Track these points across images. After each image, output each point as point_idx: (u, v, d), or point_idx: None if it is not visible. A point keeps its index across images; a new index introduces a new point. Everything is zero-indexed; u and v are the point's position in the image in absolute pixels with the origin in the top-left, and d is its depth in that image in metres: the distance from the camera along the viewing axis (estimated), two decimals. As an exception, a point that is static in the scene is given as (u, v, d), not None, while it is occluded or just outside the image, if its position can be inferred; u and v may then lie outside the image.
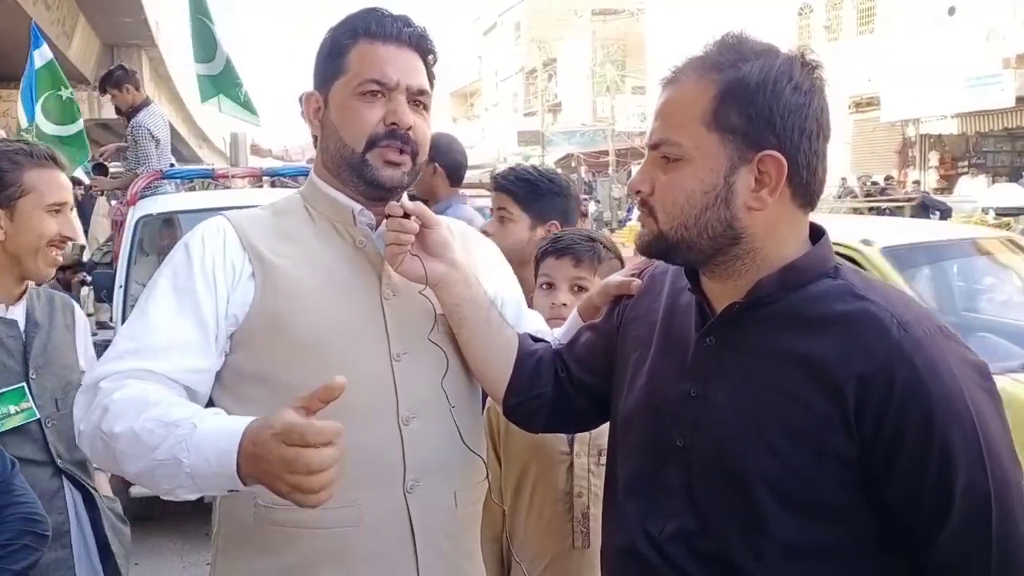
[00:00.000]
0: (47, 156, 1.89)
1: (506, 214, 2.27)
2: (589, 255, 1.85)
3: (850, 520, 1.06)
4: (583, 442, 1.75)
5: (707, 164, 1.08)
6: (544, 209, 2.25)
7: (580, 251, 1.85)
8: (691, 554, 1.12)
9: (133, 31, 20.11)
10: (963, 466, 0.99)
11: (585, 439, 1.74)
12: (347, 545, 1.27)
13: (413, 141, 1.34)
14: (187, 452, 1.09)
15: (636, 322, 1.30)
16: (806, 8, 22.26)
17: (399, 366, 1.32)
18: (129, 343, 1.26)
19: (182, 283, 1.29)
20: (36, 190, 1.84)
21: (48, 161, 1.88)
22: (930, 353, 1.01)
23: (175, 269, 1.31)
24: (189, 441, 1.09)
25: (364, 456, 1.27)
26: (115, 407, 1.16)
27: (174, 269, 1.32)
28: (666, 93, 1.12)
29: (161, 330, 1.26)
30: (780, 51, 1.09)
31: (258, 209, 1.42)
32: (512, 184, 2.28)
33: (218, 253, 1.31)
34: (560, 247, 1.87)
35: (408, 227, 1.30)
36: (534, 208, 2.25)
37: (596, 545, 1.59)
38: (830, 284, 1.09)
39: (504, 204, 2.28)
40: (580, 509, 1.73)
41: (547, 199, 2.25)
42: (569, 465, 1.75)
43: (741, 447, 1.08)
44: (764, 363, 1.09)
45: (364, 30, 1.34)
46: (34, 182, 1.85)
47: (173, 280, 1.30)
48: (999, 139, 19.19)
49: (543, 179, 2.29)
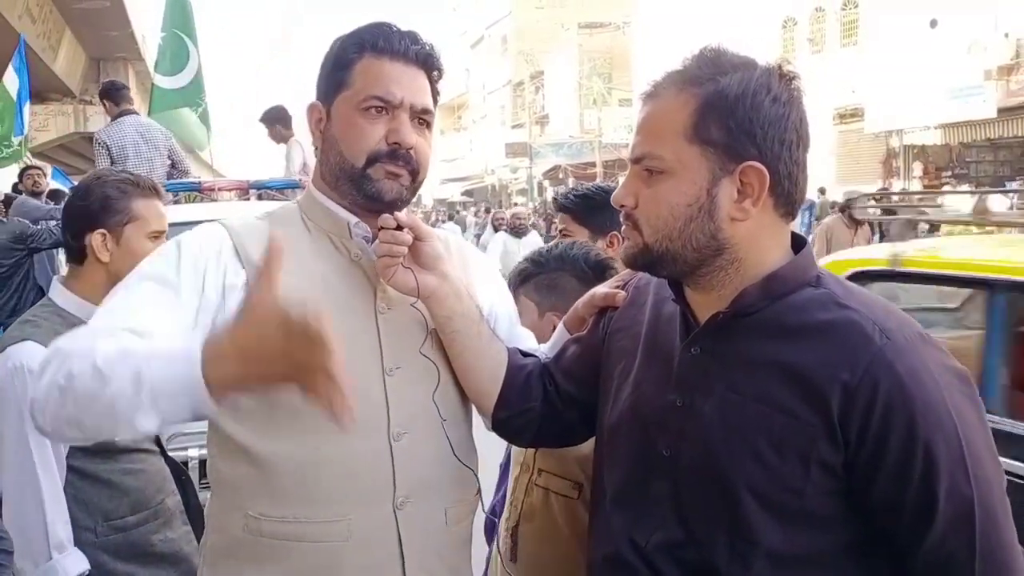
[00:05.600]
0: (151, 187, 2.05)
1: (567, 232, 2.33)
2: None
3: (836, 527, 1.06)
4: (516, 461, 1.73)
5: (689, 177, 1.09)
6: (602, 221, 2.27)
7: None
8: (678, 564, 1.12)
9: (120, 44, 20.07)
10: (946, 471, 1.00)
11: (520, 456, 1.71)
12: (336, 560, 1.26)
13: (414, 160, 1.33)
14: (147, 365, 1.02)
15: (621, 333, 1.30)
16: (790, 21, 22.45)
17: (391, 381, 1.31)
18: (96, 321, 1.18)
19: (164, 275, 1.24)
20: (141, 218, 2.00)
21: (151, 192, 2.04)
22: (912, 360, 1.02)
23: (159, 263, 1.27)
24: (151, 356, 1.04)
25: (354, 471, 1.27)
26: (70, 353, 1.09)
27: (158, 263, 1.27)
28: (647, 107, 1.13)
29: (129, 314, 1.18)
30: (758, 64, 1.10)
31: (254, 217, 1.40)
32: (569, 202, 2.37)
33: (212, 257, 1.28)
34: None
35: (400, 239, 1.29)
36: (592, 222, 2.30)
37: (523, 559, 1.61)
38: (812, 293, 1.10)
39: (565, 223, 2.37)
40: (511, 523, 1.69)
41: (604, 212, 2.24)
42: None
43: (727, 456, 1.08)
44: (749, 372, 1.09)
45: (372, 45, 1.33)
46: (140, 210, 2.00)
47: (154, 272, 1.25)
48: (982, 149, 19.36)
49: (599, 192, 2.32)
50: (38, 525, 1.80)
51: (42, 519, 1.80)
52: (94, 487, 1.91)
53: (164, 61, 6.28)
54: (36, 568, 1.80)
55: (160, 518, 2.02)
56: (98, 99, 5.84)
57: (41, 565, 1.80)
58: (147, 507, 1.99)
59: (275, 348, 0.97)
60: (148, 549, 1.98)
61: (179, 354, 1.03)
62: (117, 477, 1.95)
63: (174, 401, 1.02)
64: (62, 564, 1.82)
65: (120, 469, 1.96)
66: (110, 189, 1.98)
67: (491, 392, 1.37)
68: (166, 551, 2.01)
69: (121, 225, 1.97)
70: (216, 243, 1.30)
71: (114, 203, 1.96)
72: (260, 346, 0.98)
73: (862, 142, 20.35)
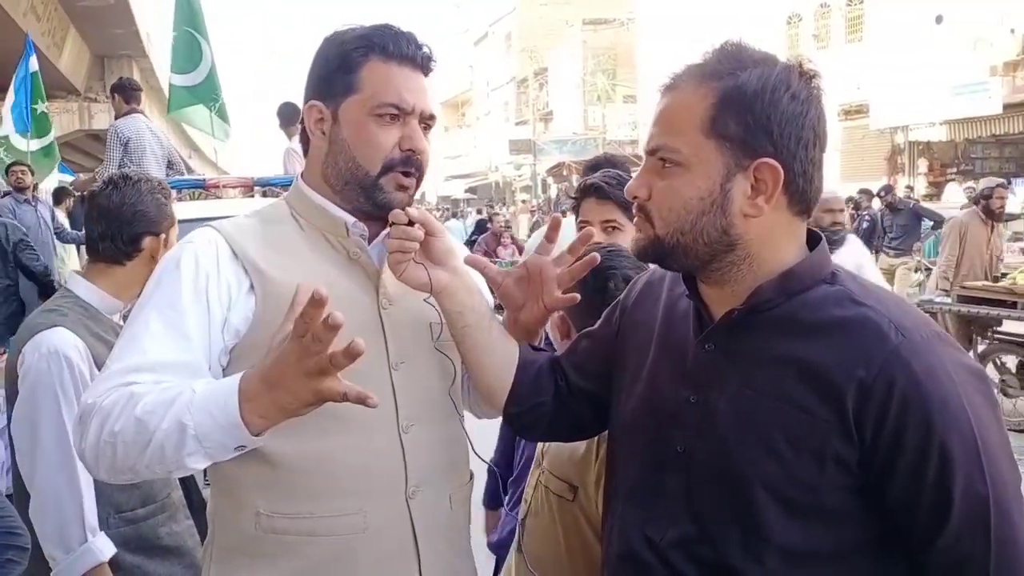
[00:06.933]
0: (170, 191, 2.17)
1: (616, 224, 2.08)
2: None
3: (850, 524, 1.06)
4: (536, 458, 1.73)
5: (704, 170, 1.09)
6: None
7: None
8: (692, 560, 1.12)
9: (124, 42, 20.09)
10: (961, 470, 1.00)
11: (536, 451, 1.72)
12: (352, 551, 1.28)
13: (423, 166, 1.36)
14: (189, 415, 1.10)
15: (634, 328, 1.30)
16: (795, 17, 22.39)
17: (397, 375, 1.33)
18: (115, 364, 1.23)
19: (170, 302, 1.25)
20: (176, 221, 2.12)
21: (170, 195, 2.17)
22: (928, 358, 1.02)
23: (164, 289, 1.28)
24: (191, 405, 1.11)
25: (366, 464, 1.29)
26: (110, 411, 1.15)
27: (163, 289, 1.28)
28: (665, 99, 1.13)
29: (147, 350, 1.22)
30: (778, 60, 1.10)
31: (244, 217, 1.39)
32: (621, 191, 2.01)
33: (212, 270, 1.28)
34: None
35: (412, 235, 1.29)
36: None
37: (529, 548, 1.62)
38: (828, 290, 1.10)
39: (612, 215, 2.08)
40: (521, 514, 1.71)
41: None
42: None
43: (741, 453, 1.08)
44: (763, 369, 1.09)
45: (380, 48, 1.33)
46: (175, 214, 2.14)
47: (161, 300, 1.27)
48: (987, 145, 19.31)
49: None
50: (75, 507, 1.83)
51: (79, 501, 1.84)
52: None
53: (178, 59, 6.32)
54: (68, 554, 1.83)
55: (167, 511, 2.05)
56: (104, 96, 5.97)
57: (75, 550, 1.83)
58: (155, 500, 2.02)
59: (290, 363, 1.04)
60: (156, 542, 2.01)
61: (217, 400, 1.11)
62: None
63: (218, 442, 1.11)
64: (97, 545, 1.85)
65: None
66: (159, 194, 2.06)
67: (502, 387, 1.37)
68: (172, 544, 2.04)
69: (168, 229, 2.07)
70: (212, 253, 1.29)
71: (165, 208, 2.07)
72: (281, 371, 1.06)
73: (867, 138, 20.30)
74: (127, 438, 1.13)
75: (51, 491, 1.83)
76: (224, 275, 1.28)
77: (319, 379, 1.04)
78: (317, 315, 0.99)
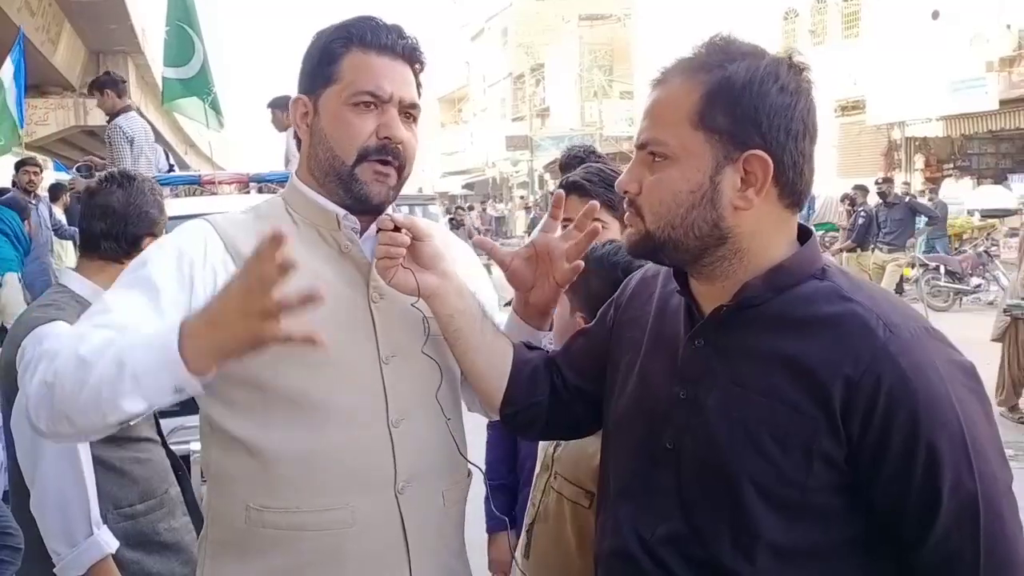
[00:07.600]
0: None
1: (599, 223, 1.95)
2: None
3: (839, 522, 1.06)
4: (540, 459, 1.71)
5: (693, 163, 1.08)
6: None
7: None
8: (682, 557, 1.12)
9: (119, 38, 20.03)
10: (950, 466, 1.00)
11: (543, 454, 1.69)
12: (341, 547, 1.28)
13: (402, 155, 1.34)
14: (129, 352, 1.06)
15: (628, 325, 1.30)
16: (791, 12, 22.37)
17: (388, 369, 1.32)
18: (79, 325, 1.20)
19: (148, 279, 1.24)
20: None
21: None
22: (916, 354, 1.01)
23: (145, 268, 1.26)
24: (132, 343, 1.07)
25: (355, 458, 1.28)
26: (57, 352, 1.12)
27: (144, 268, 1.26)
28: (654, 94, 1.13)
29: (113, 311, 1.20)
30: (767, 52, 1.09)
31: (238, 212, 1.40)
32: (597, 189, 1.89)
33: (197, 255, 1.28)
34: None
35: (399, 240, 1.29)
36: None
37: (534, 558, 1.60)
38: (817, 285, 1.09)
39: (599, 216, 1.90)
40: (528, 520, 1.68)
41: None
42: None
43: (730, 449, 1.08)
44: (752, 365, 1.09)
45: (359, 38, 1.32)
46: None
47: (140, 277, 1.25)
48: (983, 141, 19.31)
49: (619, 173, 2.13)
50: (80, 501, 1.83)
51: (84, 494, 1.84)
52: (105, 474, 1.94)
53: (171, 53, 6.35)
54: (73, 548, 1.82)
55: (165, 507, 2.07)
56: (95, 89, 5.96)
57: (81, 543, 1.82)
58: (154, 496, 2.04)
59: (232, 300, 1.01)
60: (154, 538, 2.02)
61: (158, 337, 1.07)
62: (127, 465, 2.00)
63: (156, 380, 1.05)
64: (103, 538, 1.85)
65: (129, 457, 2.00)
66: (158, 196, 2.13)
67: (497, 388, 1.36)
68: (169, 540, 2.05)
69: (162, 231, 2.10)
70: (200, 241, 1.29)
71: (163, 209, 2.13)
72: (223, 307, 1.02)
73: (864, 134, 20.29)
74: (66, 378, 1.08)
75: (54, 485, 1.83)
76: (210, 261, 1.28)
77: (259, 320, 0.99)
78: (270, 255, 0.96)
